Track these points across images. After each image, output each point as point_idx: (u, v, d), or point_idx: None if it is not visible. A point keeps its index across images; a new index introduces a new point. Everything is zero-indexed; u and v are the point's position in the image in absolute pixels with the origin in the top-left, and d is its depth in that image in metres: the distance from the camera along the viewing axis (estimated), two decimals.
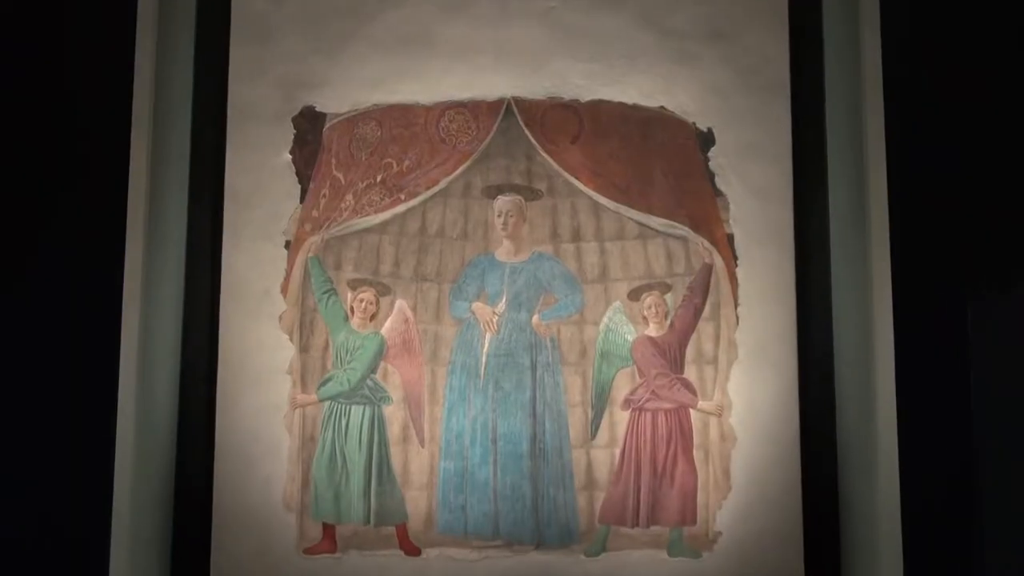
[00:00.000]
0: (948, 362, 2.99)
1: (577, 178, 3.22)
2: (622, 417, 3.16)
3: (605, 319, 3.19)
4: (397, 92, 3.24)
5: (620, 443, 3.14)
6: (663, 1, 3.25)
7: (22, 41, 3.09)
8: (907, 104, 3.06)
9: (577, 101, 3.23)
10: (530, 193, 3.23)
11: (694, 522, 3.12)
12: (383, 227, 3.23)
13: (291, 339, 3.17)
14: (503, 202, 3.23)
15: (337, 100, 3.24)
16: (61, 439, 2.94)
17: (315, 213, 3.22)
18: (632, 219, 3.21)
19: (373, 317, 3.20)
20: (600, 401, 3.16)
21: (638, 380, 3.17)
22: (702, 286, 3.19)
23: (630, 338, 3.18)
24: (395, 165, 3.23)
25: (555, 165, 3.22)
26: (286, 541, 3.11)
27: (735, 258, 3.19)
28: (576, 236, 3.22)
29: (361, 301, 3.20)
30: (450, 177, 3.23)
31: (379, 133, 3.24)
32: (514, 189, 3.23)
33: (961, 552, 2.93)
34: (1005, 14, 3.07)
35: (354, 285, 3.21)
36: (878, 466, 2.93)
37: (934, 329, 3.00)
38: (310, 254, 3.20)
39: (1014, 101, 3.04)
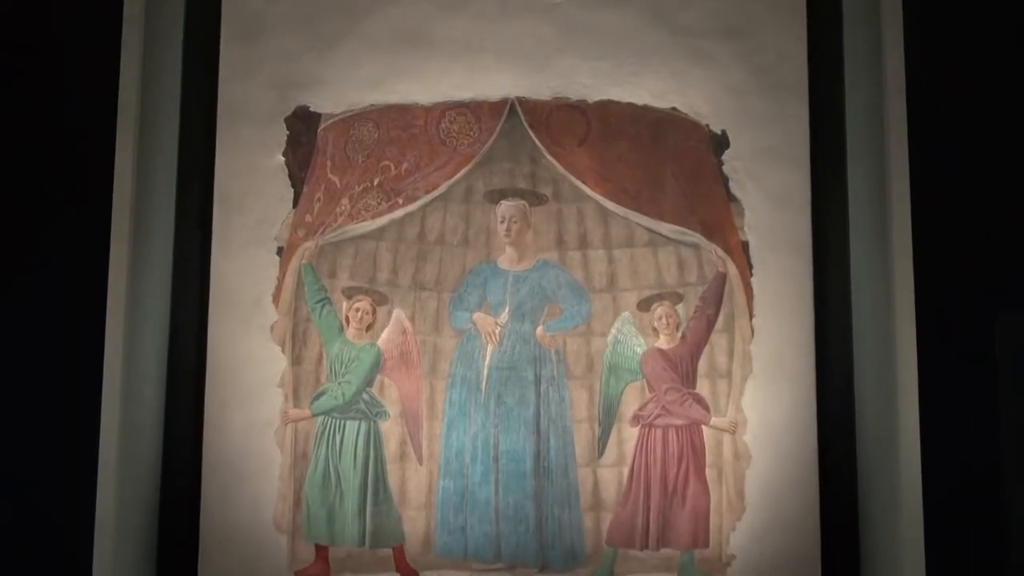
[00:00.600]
0: (974, 376, 2.96)
1: (584, 182, 3.19)
2: (631, 434, 3.12)
3: (613, 331, 3.15)
4: (395, 92, 3.21)
5: (629, 461, 3.11)
6: None
7: (2, 37, 3.10)
8: (932, 105, 3.02)
9: (584, 101, 3.20)
10: (535, 198, 3.20)
11: (706, 545, 3.08)
12: (380, 233, 3.19)
13: (283, 351, 3.14)
14: (506, 207, 3.19)
15: (332, 100, 3.21)
16: (40, 456, 2.94)
17: (309, 218, 3.19)
18: (642, 225, 3.18)
19: (369, 328, 3.16)
20: (608, 417, 3.12)
21: (648, 395, 3.14)
22: (715, 296, 3.15)
23: (639, 351, 3.14)
24: (393, 168, 3.20)
25: (561, 168, 3.19)
26: (277, 563, 3.07)
27: (750, 267, 3.15)
28: (583, 243, 3.18)
29: (357, 311, 3.16)
30: (451, 181, 3.20)
31: (376, 135, 3.21)
32: (518, 194, 3.20)
33: None
34: None
35: (349, 294, 3.17)
36: (900, 486, 2.87)
37: (959, 342, 2.96)
38: (303, 261, 3.17)
39: None
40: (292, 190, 3.19)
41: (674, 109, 3.19)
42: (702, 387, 3.12)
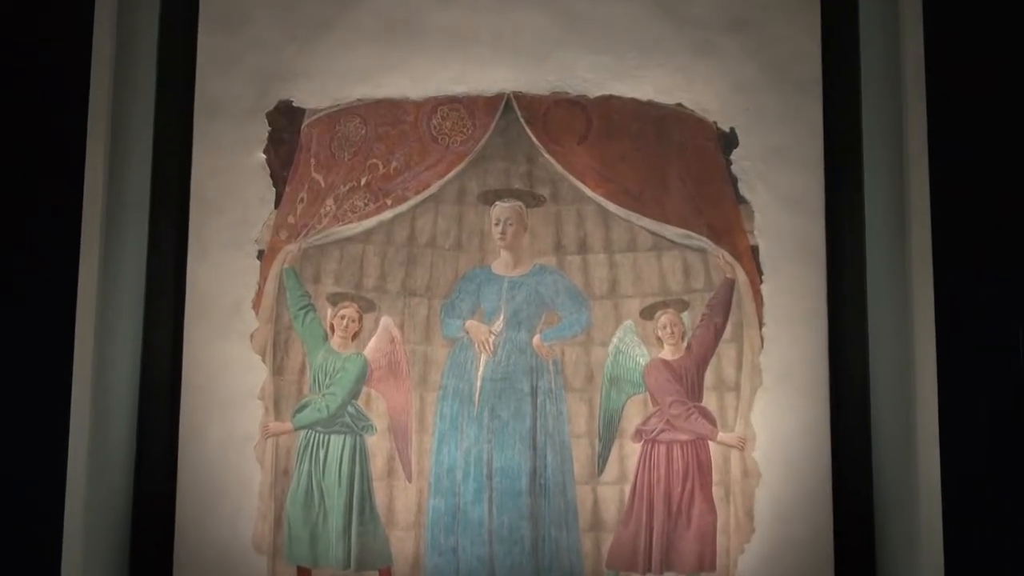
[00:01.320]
0: (996, 388, 2.91)
1: (584, 182, 3.15)
2: (633, 450, 3.09)
3: (615, 340, 3.12)
4: (384, 86, 3.19)
5: (631, 479, 3.08)
6: None
7: None
8: (952, 103, 2.98)
9: (585, 97, 3.17)
10: (531, 199, 3.16)
11: (713, 567, 3.05)
12: (367, 236, 3.16)
13: (263, 360, 3.12)
14: (501, 209, 3.16)
15: (317, 94, 3.20)
16: (4, 470, 2.86)
17: (291, 219, 3.16)
18: (645, 228, 3.15)
19: (355, 336, 3.13)
20: (608, 432, 3.09)
21: (651, 408, 3.10)
22: (723, 304, 3.12)
23: (642, 361, 3.11)
24: (381, 167, 3.17)
25: (559, 168, 3.16)
26: None
27: (760, 273, 3.12)
28: (583, 247, 3.15)
29: (342, 318, 3.13)
30: (442, 180, 3.17)
31: (363, 131, 3.18)
32: (514, 194, 3.17)
33: None
34: None
35: (335, 300, 3.15)
36: (919, 505, 2.84)
37: (981, 352, 2.91)
38: (285, 265, 3.15)
39: None
40: (274, 190, 3.16)
41: (680, 105, 3.17)
42: (709, 400, 3.09)
